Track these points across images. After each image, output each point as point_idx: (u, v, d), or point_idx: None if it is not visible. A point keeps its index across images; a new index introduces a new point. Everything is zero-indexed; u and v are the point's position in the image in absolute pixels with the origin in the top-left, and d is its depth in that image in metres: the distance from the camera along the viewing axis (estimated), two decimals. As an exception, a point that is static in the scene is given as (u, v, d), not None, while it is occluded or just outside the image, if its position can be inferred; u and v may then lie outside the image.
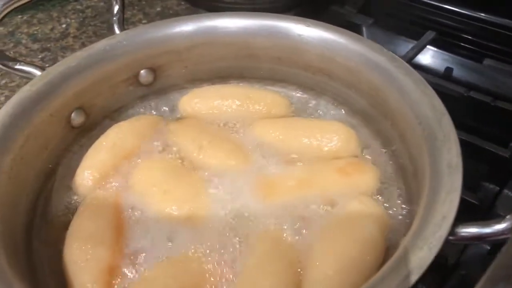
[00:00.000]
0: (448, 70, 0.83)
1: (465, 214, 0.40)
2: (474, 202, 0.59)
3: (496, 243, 0.48)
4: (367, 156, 0.58)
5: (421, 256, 0.36)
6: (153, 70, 0.66)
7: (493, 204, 0.61)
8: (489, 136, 0.66)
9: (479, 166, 0.64)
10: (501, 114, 0.72)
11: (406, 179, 0.53)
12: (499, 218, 0.38)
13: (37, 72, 0.59)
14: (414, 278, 0.34)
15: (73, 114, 0.60)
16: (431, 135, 0.47)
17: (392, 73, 0.55)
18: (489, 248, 0.56)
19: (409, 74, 0.53)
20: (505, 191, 0.62)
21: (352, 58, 0.59)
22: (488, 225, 0.38)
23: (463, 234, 0.39)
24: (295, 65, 0.65)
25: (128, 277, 0.47)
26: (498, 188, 0.63)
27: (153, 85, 0.67)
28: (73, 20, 1.02)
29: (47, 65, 0.86)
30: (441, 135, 0.46)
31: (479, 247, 0.56)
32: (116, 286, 0.46)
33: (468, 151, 0.45)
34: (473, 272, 0.52)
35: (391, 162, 0.56)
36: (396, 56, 0.56)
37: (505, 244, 0.32)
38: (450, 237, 0.38)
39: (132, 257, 0.49)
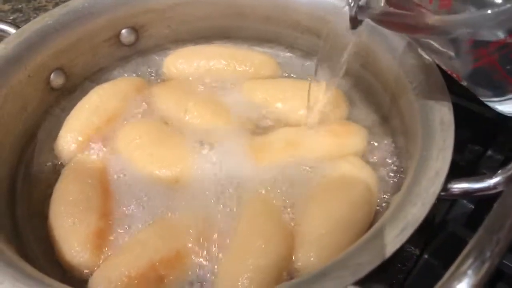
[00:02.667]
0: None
1: (451, 174, 0.40)
2: (460, 163, 0.59)
3: (485, 198, 0.49)
4: (357, 117, 0.58)
5: (415, 212, 0.36)
6: (135, 29, 0.63)
7: (477, 164, 0.62)
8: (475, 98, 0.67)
9: (465, 128, 0.64)
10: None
11: (395, 138, 0.53)
12: (490, 173, 0.38)
13: (11, 30, 0.56)
14: (408, 233, 0.34)
15: (52, 75, 0.57)
16: (422, 93, 0.46)
17: (382, 31, 0.53)
18: (473, 207, 0.56)
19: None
20: (489, 152, 0.63)
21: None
22: (480, 180, 0.38)
23: (454, 190, 0.39)
24: (283, 24, 0.63)
25: (118, 239, 0.46)
26: (483, 149, 0.64)
27: (135, 46, 0.65)
28: (44, -21, 0.96)
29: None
30: (433, 92, 0.45)
31: (463, 207, 0.56)
32: (106, 248, 0.46)
33: (455, 113, 0.45)
34: (459, 230, 0.53)
35: (380, 122, 0.56)
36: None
37: (498, 197, 0.32)
38: (442, 193, 0.38)
39: (120, 220, 0.48)
